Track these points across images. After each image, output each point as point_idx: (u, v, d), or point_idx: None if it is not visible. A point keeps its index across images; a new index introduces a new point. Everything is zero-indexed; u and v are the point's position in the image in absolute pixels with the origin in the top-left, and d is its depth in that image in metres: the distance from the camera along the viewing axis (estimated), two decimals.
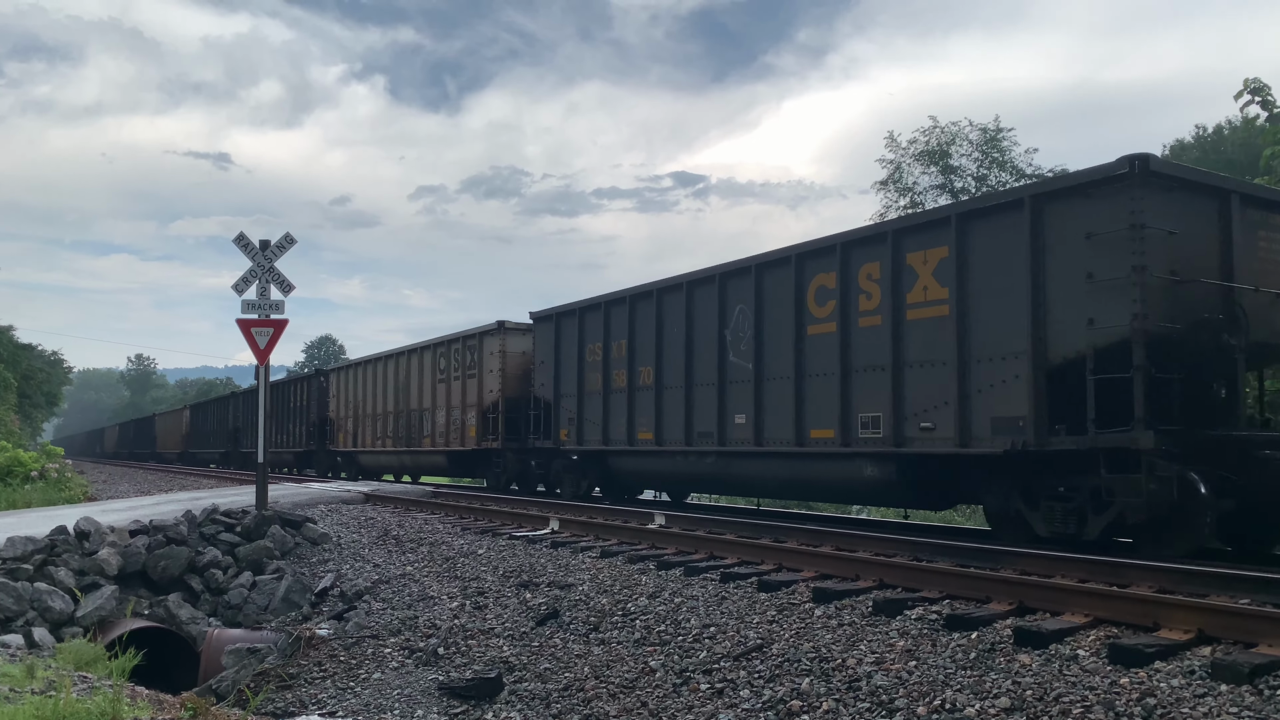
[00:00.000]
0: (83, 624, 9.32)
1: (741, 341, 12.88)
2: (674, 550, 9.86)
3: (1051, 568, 7.52)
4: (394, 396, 24.33)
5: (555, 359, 17.19)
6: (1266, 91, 13.78)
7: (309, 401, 31.26)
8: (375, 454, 25.86)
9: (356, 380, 27.27)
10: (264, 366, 14.26)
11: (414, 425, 22.97)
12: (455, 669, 7.36)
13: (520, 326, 19.28)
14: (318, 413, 30.36)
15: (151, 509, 14.13)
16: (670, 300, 14.49)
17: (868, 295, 10.96)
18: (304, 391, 32.19)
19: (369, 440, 25.91)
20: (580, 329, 16.57)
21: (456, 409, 20.76)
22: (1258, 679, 4.75)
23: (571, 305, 17.02)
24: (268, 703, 7.19)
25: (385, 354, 25.43)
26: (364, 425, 26.41)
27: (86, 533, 10.65)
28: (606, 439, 15.82)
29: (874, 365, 10.80)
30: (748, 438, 12.65)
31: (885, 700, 5.27)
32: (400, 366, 24.16)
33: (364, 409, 26.39)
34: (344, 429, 28.08)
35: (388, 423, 24.77)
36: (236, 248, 14.17)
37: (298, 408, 32.52)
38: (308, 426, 31.05)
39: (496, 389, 19.23)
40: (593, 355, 16.27)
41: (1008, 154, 30.90)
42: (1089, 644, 5.57)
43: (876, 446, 10.71)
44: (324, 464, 30.47)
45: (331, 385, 29.65)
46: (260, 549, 11.45)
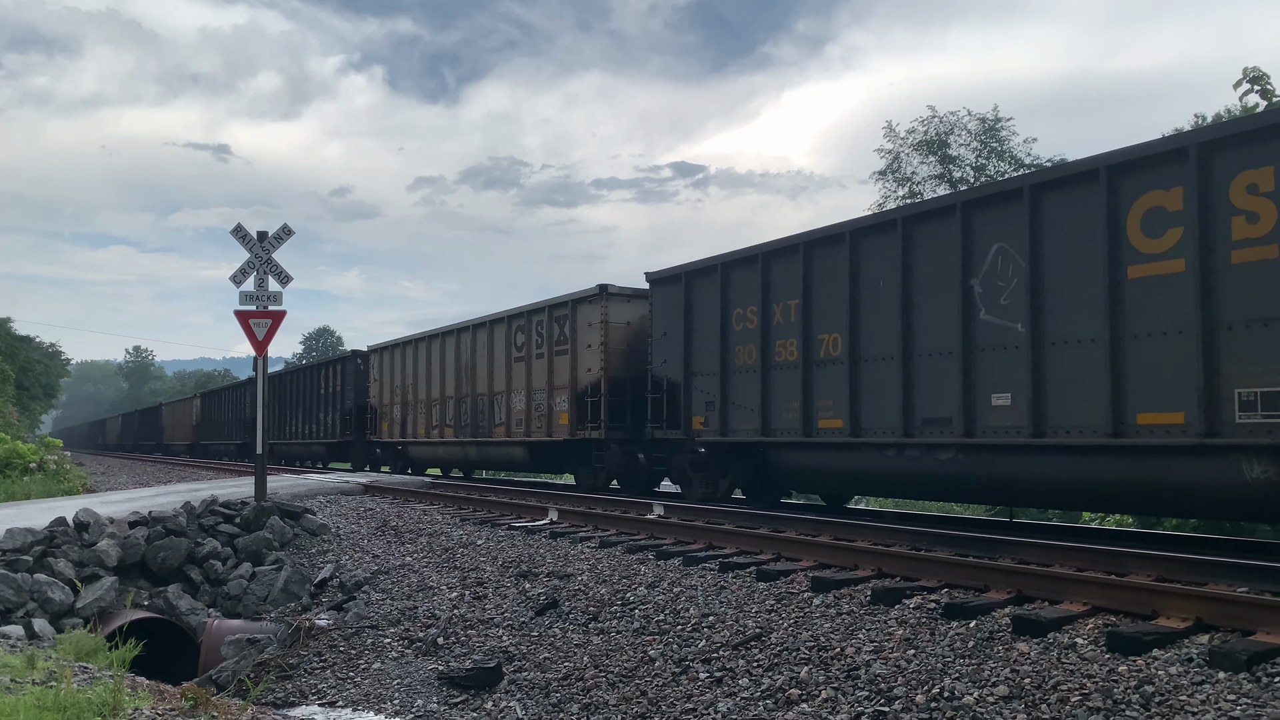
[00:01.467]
0: (83, 615, 9.33)
1: (1001, 293, 9.59)
2: (673, 540, 9.88)
3: (1050, 557, 7.54)
4: (455, 379, 21.01)
5: (685, 329, 13.81)
6: (1266, 81, 13.75)
7: (343, 387, 27.76)
8: (429, 445, 22.71)
9: (405, 361, 23.77)
10: (262, 358, 14.24)
11: (482, 412, 19.72)
12: (455, 659, 7.37)
13: (626, 292, 16.24)
14: (355, 399, 26.95)
15: (150, 500, 14.14)
16: (872, 246, 11.08)
17: (1250, 217, 7.71)
18: (337, 376, 28.65)
19: (421, 430, 22.68)
20: (723, 290, 13.17)
21: (540, 392, 17.50)
22: (1255, 667, 4.76)
23: (708, 261, 13.64)
24: (268, 693, 7.21)
25: (443, 330, 21.95)
26: (415, 413, 23.08)
27: (86, 524, 10.65)
28: (766, 428, 12.35)
29: (1268, 316, 7.53)
30: (1016, 425, 9.38)
31: (884, 689, 5.28)
32: (464, 344, 20.82)
33: (414, 394, 23.04)
34: (389, 417, 24.63)
35: (446, 410, 21.42)
36: (235, 239, 14.14)
37: (329, 394, 29.05)
38: (342, 415, 27.58)
39: (596, 367, 15.98)
40: (743, 322, 12.90)
41: (1006, 144, 30.83)
42: (1087, 632, 5.59)
43: None
44: (363, 456, 27.27)
45: (373, 367, 25.93)
46: (259, 540, 11.46)
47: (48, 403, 63.71)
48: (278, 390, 33.99)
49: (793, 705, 5.39)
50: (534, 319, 18.07)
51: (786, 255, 12.31)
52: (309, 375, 31.54)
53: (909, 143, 31.78)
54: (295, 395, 32.71)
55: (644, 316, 15.57)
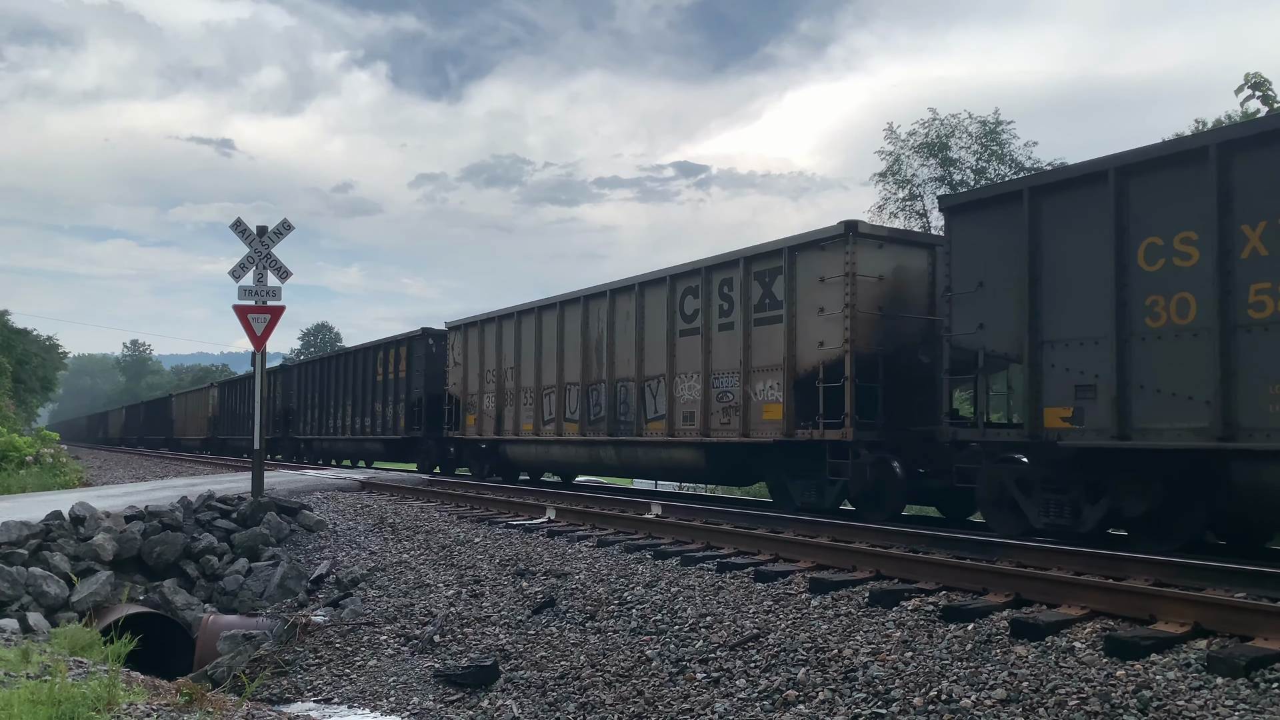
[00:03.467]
0: (78, 609, 9.31)
1: None
2: (670, 540, 9.87)
3: (1048, 560, 7.53)
4: (581, 360, 16.69)
5: (1029, 273, 9.29)
6: (1267, 86, 13.78)
7: (409, 373, 23.54)
8: (538, 445, 18.29)
9: (503, 340, 19.38)
10: (260, 353, 14.22)
11: (626, 404, 15.44)
12: (451, 657, 7.36)
13: (879, 234, 12.03)
14: (425, 387, 22.76)
15: (147, 495, 14.11)
16: None
17: None
18: (399, 359, 24.20)
19: (527, 425, 18.38)
20: (1118, 210, 8.62)
21: (728, 377, 13.26)
22: (1254, 673, 4.76)
23: (1084, 167, 9.10)
24: (263, 689, 7.18)
25: (561, 298, 17.55)
26: (517, 404, 18.76)
27: (82, 518, 10.63)
28: (1228, 425, 7.78)
29: None
30: None
31: (881, 691, 5.27)
32: (595, 316, 16.47)
33: (516, 380, 18.77)
34: (476, 409, 20.25)
35: (567, 400, 17.21)
36: (235, 234, 14.12)
37: (389, 382, 24.69)
38: (407, 406, 23.39)
39: (837, 340, 11.46)
40: (1164, 256, 8.34)
41: (1007, 147, 30.85)
42: (1085, 636, 5.58)
43: None
44: (433, 456, 22.90)
45: (453, 348, 21.50)
46: (256, 535, 11.44)
47: (44, 396, 63.59)
48: (318, 377, 30.49)
49: (790, 706, 5.38)
50: (716, 278, 13.69)
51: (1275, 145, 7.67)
52: (360, 360, 26.73)
53: (910, 145, 31.82)
54: (341, 383, 28.24)
55: (903, 269, 11.85)
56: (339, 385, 28.49)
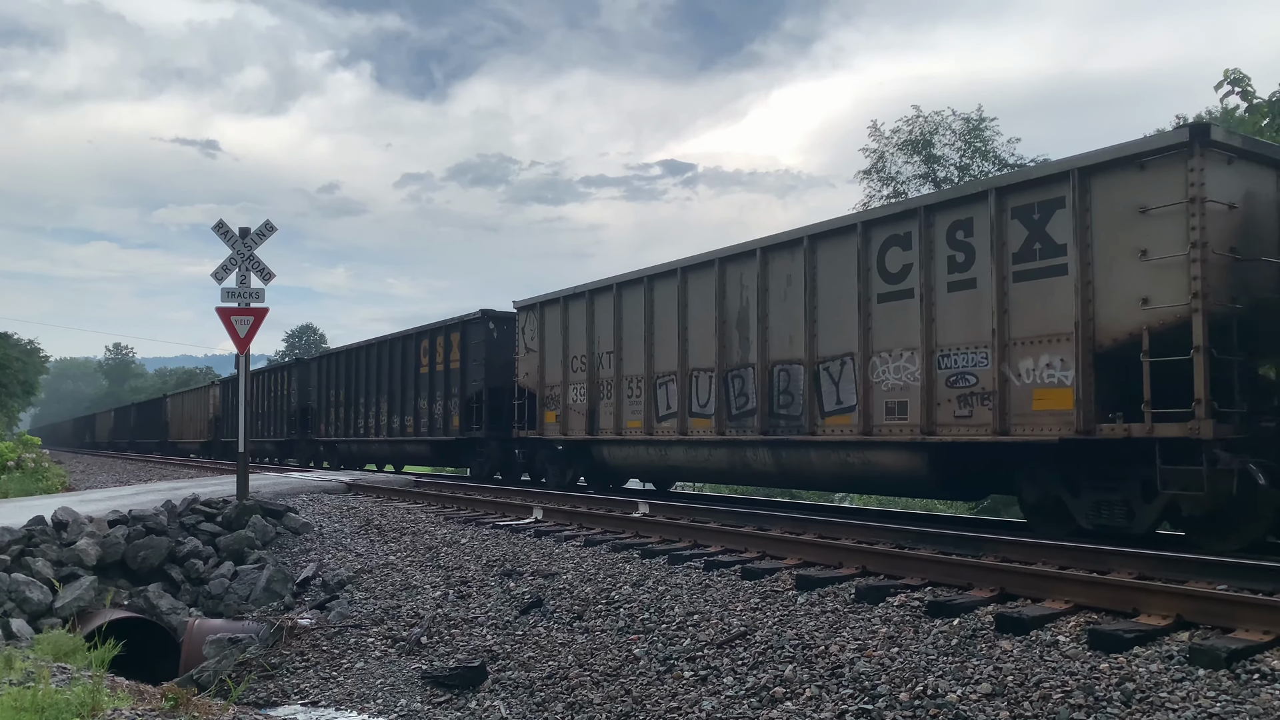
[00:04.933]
0: (61, 615, 9.24)
1: None
2: (658, 539, 9.88)
3: (1033, 555, 7.58)
4: (716, 340, 13.21)
5: None
6: (1246, 82, 13.87)
7: (465, 363, 20.11)
8: (652, 447, 14.70)
9: (594, 319, 15.96)
10: (244, 355, 14.15)
11: (786, 393, 12.09)
12: (438, 658, 7.34)
13: (1233, 144, 8.41)
14: (486, 379, 19.33)
15: (131, 499, 14.02)
16: None
17: None
18: (450, 348, 20.78)
19: (634, 422, 14.96)
20: None
21: (965, 351, 9.86)
22: (1235, 664, 4.81)
23: None
24: (249, 693, 7.15)
25: (679, 264, 14.07)
26: (615, 396, 15.30)
27: (64, 523, 10.55)
28: None
29: None
30: None
31: (868, 687, 5.29)
32: (733, 283, 13.06)
33: (613, 367, 15.40)
34: (559, 403, 16.78)
35: (692, 390, 13.77)
36: (217, 236, 14.05)
37: (436, 374, 21.39)
38: (463, 402, 20.04)
39: (1179, 294, 8.12)
40: None
41: (990, 144, 31.00)
42: (1069, 630, 5.63)
43: None
44: (494, 458, 19.72)
45: (523, 333, 18.03)
46: (241, 539, 11.38)
47: (26, 400, 62.99)
48: (344, 371, 26.74)
49: (777, 703, 5.40)
50: (942, 220, 10.20)
51: None
52: (398, 350, 23.25)
53: (894, 142, 31.92)
54: (374, 377, 24.74)
55: (1253, 196, 8.54)
56: (371, 379, 24.80)
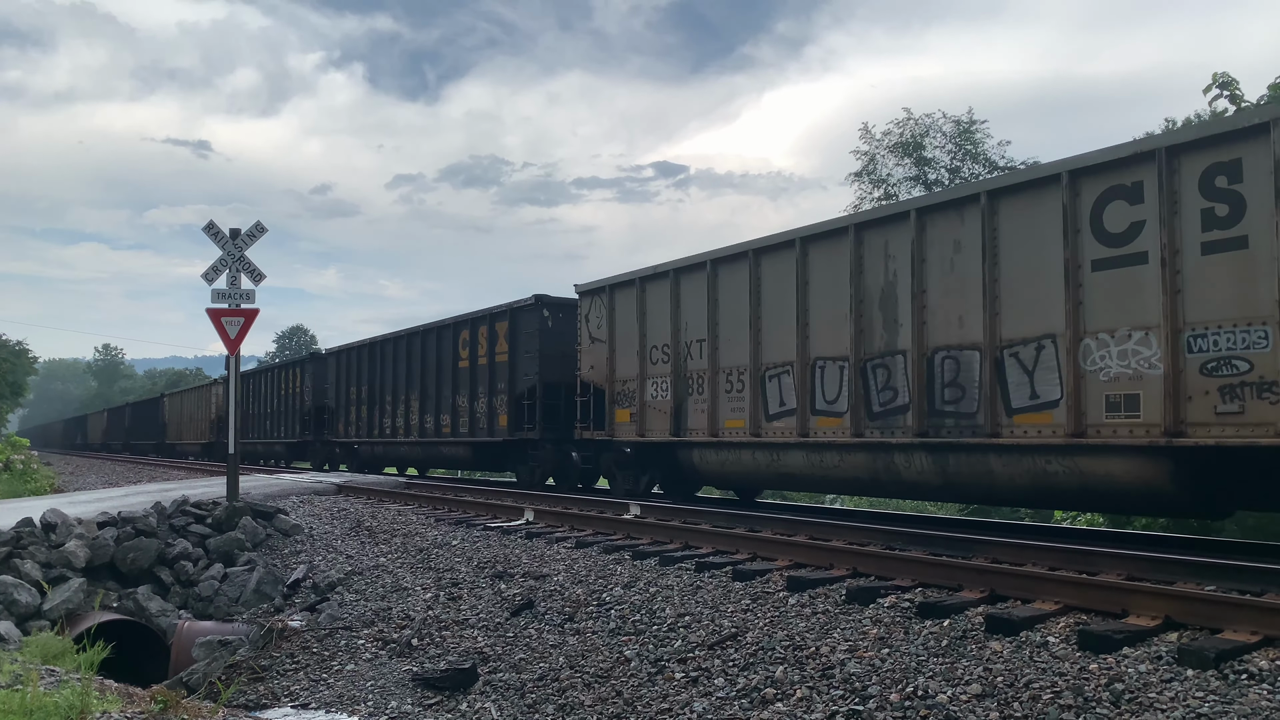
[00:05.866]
0: (50, 617, 9.19)
1: None
2: (649, 540, 9.88)
3: (1022, 556, 7.61)
4: (851, 323, 10.95)
5: None
6: (1234, 86, 13.96)
7: (515, 355, 17.75)
8: (760, 450, 12.41)
9: (680, 303, 13.72)
10: (234, 357, 14.11)
11: (954, 385, 9.90)
12: (429, 660, 7.33)
13: None
14: (540, 373, 16.94)
15: (120, 501, 13.96)
16: None
17: None
18: (497, 339, 18.43)
19: (727, 420, 12.83)
20: None
21: (1232, 329, 7.76)
22: (1223, 664, 4.83)
23: None
24: (239, 695, 7.13)
25: (794, 235, 11.85)
26: (709, 391, 13.07)
27: (53, 525, 10.50)
28: None
29: None
30: None
31: (858, 688, 5.30)
32: (873, 255, 10.82)
33: (706, 357, 13.16)
34: (635, 400, 14.58)
35: (815, 383, 11.45)
36: (207, 237, 14.01)
37: (479, 368, 18.94)
38: (512, 399, 17.67)
39: None
40: None
41: (981, 146, 31.10)
42: (1059, 631, 5.65)
43: None
44: (549, 461, 17.15)
45: (590, 319, 15.73)
46: (231, 540, 11.34)
47: (14, 401, 62.60)
48: (366, 366, 24.49)
49: (768, 705, 5.40)
50: (1192, 165, 8.09)
51: None
52: (432, 342, 21.11)
53: (885, 145, 32.00)
54: (402, 372, 22.55)
55: None
56: (399, 375, 22.57)
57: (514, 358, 17.84)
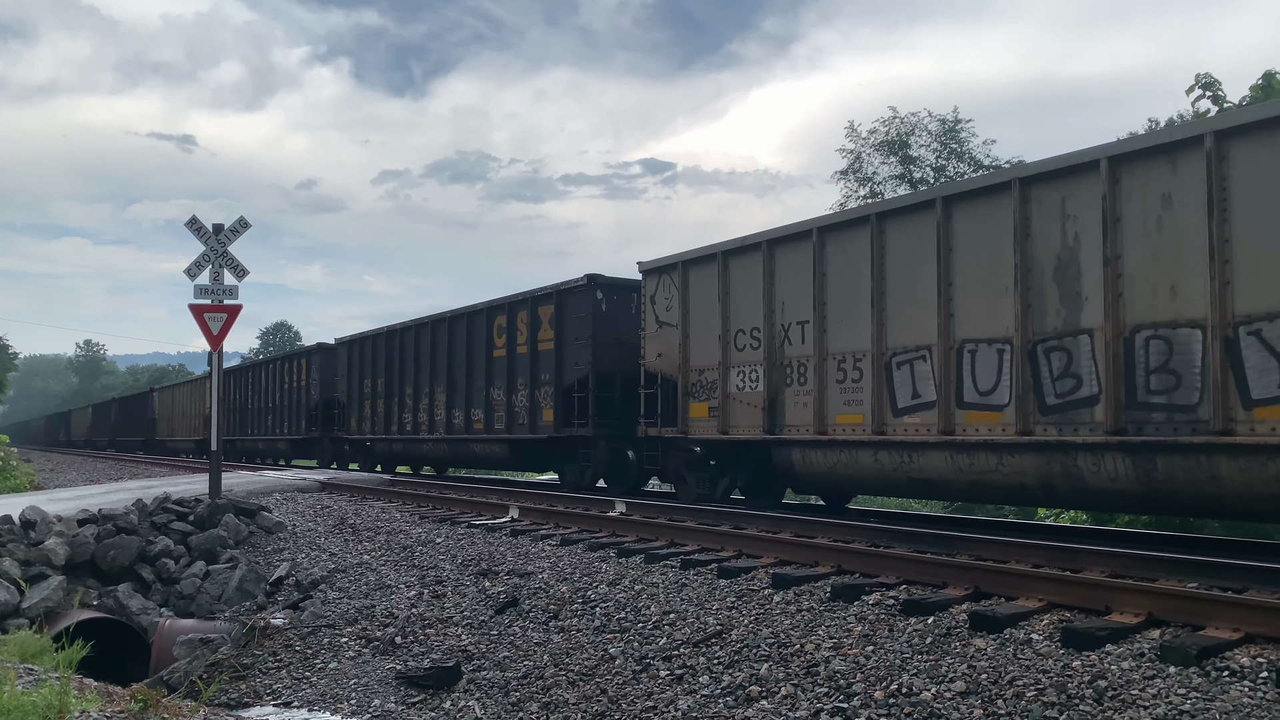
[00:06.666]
0: (29, 615, 9.10)
1: None
2: (634, 537, 9.86)
3: (1006, 553, 7.63)
4: (1015, 298, 9.19)
5: None
6: (1217, 87, 14.07)
7: (562, 344, 15.95)
8: (881, 450, 10.59)
9: (775, 279, 11.92)
10: (217, 353, 14.01)
11: (1164, 370, 8.15)
12: (413, 658, 7.29)
13: None
14: (593, 362, 15.22)
15: (101, 498, 13.84)
16: None
17: None
18: (539, 325, 16.66)
19: (837, 415, 11.03)
20: None
21: None
22: (1205, 661, 4.85)
23: None
24: (221, 693, 7.08)
25: (929, 196, 10.30)
26: (814, 380, 11.25)
27: (32, 522, 10.40)
28: None
29: None
30: None
31: (843, 685, 5.30)
32: (1043, 216, 9.06)
33: (808, 341, 11.42)
34: (716, 392, 12.75)
35: (959, 370, 9.72)
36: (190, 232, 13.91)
37: (518, 358, 17.14)
38: (557, 391, 15.92)
39: None
40: None
41: (966, 145, 31.23)
42: (1042, 628, 5.66)
43: None
44: (601, 462, 15.53)
45: (657, 301, 13.98)
46: (214, 538, 11.26)
47: None
48: (384, 355, 22.45)
49: (753, 702, 5.40)
50: None
51: None
52: (460, 330, 19.15)
53: (870, 143, 32.08)
54: (428, 362, 20.52)
55: None
56: (422, 366, 20.73)
57: (561, 345, 16.01)
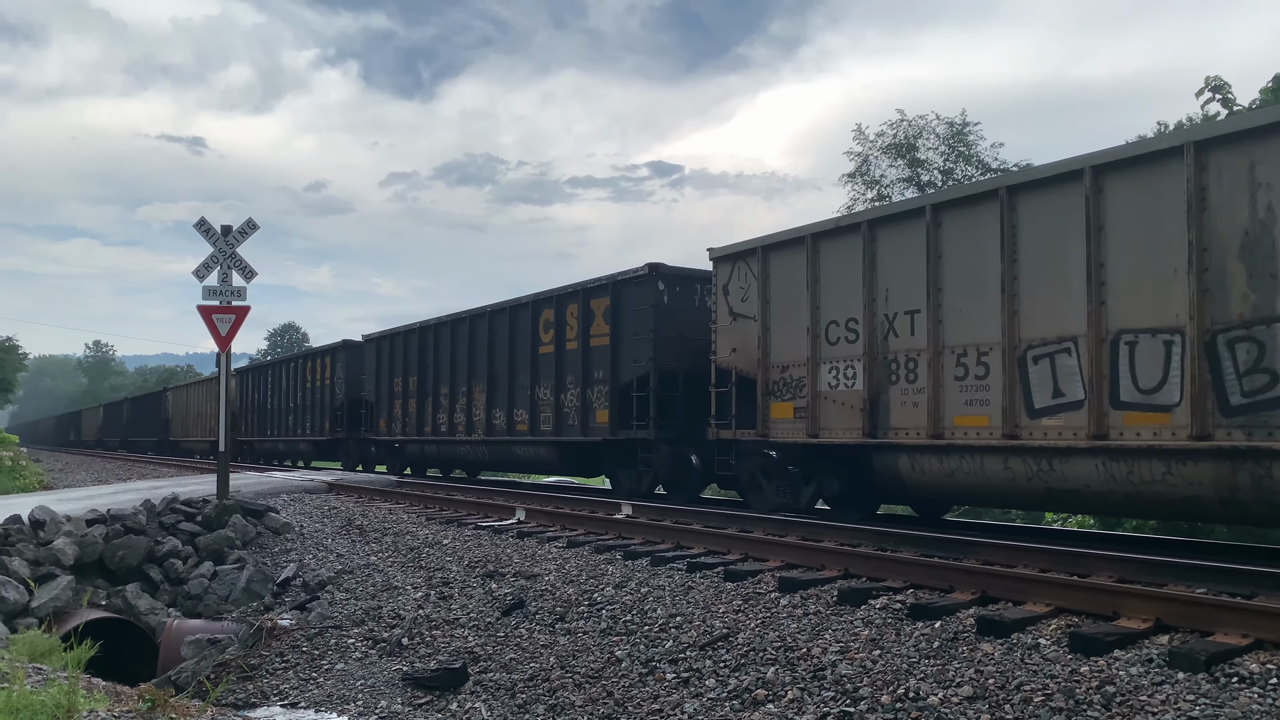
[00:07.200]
0: (38, 615, 9.13)
1: None
2: (641, 540, 9.86)
3: (1014, 558, 7.61)
4: (1189, 279, 8.03)
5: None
6: (1227, 89, 14.02)
7: (619, 339, 15.10)
8: (1015, 457, 9.39)
9: (876, 265, 10.87)
10: (225, 354, 14.05)
11: None
12: (419, 659, 7.30)
13: None
14: (654, 359, 14.29)
15: (109, 498, 13.90)
16: None
17: None
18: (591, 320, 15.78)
19: (956, 416, 9.93)
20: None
21: None
22: (1214, 667, 4.84)
23: None
24: (228, 694, 7.09)
25: (1090, 160, 8.82)
26: (918, 378, 10.31)
27: (41, 522, 10.44)
28: None
29: None
30: None
31: (849, 689, 5.30)
32: (1229, 179, 7.85)
33: (916, 333, 10.41)
34: (805, 390, 11.63)
35: (1118, 366, 8.56)
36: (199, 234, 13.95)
37: (566, 354, 16.32)
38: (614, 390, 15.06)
39: None
40: None
41: (974, 148, 31.18)
42: (1050, 633, 5.65)
43: None
44: (663, 467, 14.46)
45: (731, 292, 12.88)
46: (221, 538, 11.29)
47: (4, 398, 62.24)
48: (417, 352, 21.38)
49: (759, 706, 5.39)
50: None
51: None
52: (506, 322, 17.98)
53: (878, 146, 32.05)
54: (466, 359, 19.47)
55: None
56: (459, 364, 19.64)
57: (618, 340, 15.02)
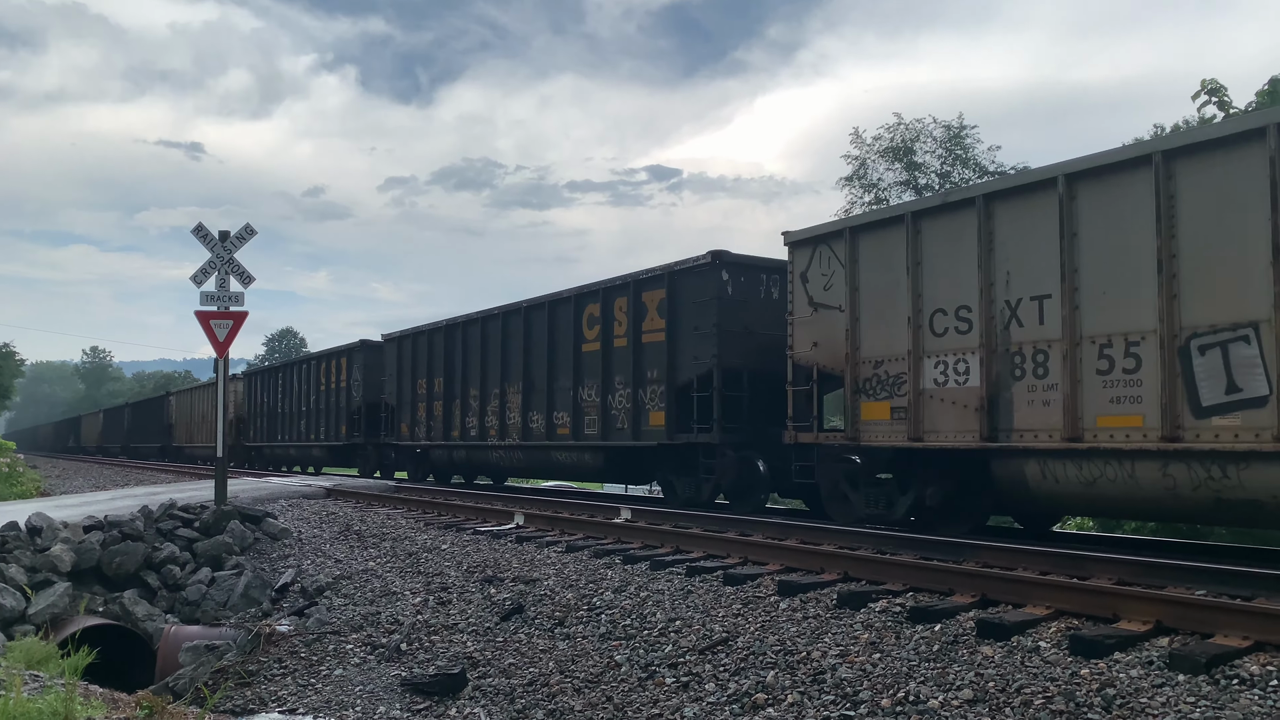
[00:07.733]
0: (34, 622, 9.11)
1: None
2: (640, 544, 9.85)
3: (1014, 560, 7.60)
4: None
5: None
6: (1223, 93, 14.05)
7: (673, 333, 13.91)
8: (1176, 463, 8.06)
9: (988, 243, 9.60)
10: (223, 359, 14.04)
11: None
12: (418, 665, 7.28)
13: None
14: (719, 356, 13.04)
15: (107, 504, 13.87)
16: None
17: None
18: (643, 313, 14.50)
19: (1097, 418, 8.63)
20: None
21: None
22: (1214, 669, 4.82)
23: None
24: (226, 700, 7.07)
25: None
26: (1047, 374, 9.07)
27: (39, 528, 10.42)
28: None
29: None
30: None
31: (849, 693, 5.28)
32: None
33: (1045, 322, 9.12)
34: (909, 389, 10.31)
35: None
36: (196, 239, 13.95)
37: (611, 353, 15.10)
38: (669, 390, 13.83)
39: None
40: None
41: (971, 151, 31.23)
42: (1050, 635, 5.64)
43: None
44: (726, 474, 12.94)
45: (810, 279, 11.63)
46: (219, 544, 11.27)
47: (1, 404, 62.17)
48: (444, 352, 20.07)
49: (759, 710, 5.38)
50: None
51: None
52: (544, 319, 16.77)
53: (875, 149, 32.10)
54: (498, 359, 18.25)
55: None
56: (491, 364, 18.36)
57: (674, 336, 13.76)
